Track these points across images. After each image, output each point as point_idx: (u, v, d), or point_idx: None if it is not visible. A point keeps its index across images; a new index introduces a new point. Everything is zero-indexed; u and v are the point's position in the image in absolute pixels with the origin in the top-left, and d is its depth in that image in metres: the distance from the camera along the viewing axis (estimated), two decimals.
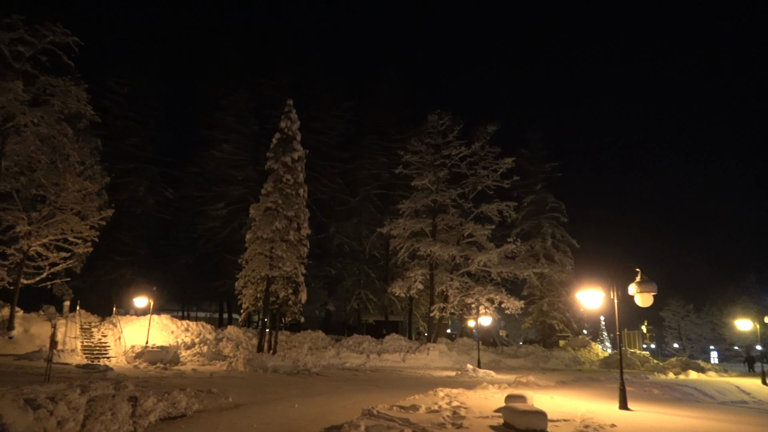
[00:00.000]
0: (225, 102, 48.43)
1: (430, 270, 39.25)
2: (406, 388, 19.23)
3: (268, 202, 31.01)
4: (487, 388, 17.16)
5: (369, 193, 49.51)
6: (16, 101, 25.05)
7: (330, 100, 51.41)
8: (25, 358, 23.87)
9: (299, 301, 31.84)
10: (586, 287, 14.98)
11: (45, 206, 28.74)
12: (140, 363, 25.97)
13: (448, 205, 40.56)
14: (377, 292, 47.50)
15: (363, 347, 34.46)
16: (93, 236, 30.14)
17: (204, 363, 27.98)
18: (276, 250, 30.19)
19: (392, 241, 41.71)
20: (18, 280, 28.23)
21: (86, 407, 10.45)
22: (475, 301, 37.51)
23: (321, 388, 18.90)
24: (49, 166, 28.24)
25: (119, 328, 30.67)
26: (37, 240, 28.26)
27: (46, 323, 29.07)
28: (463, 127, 40.69)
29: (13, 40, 26.21)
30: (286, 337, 35.36)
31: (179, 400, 12.47)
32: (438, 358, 34.77)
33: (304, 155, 33.15)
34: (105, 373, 19.91)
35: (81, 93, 28.24)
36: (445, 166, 40.78)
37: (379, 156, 50.25)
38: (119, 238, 42.88)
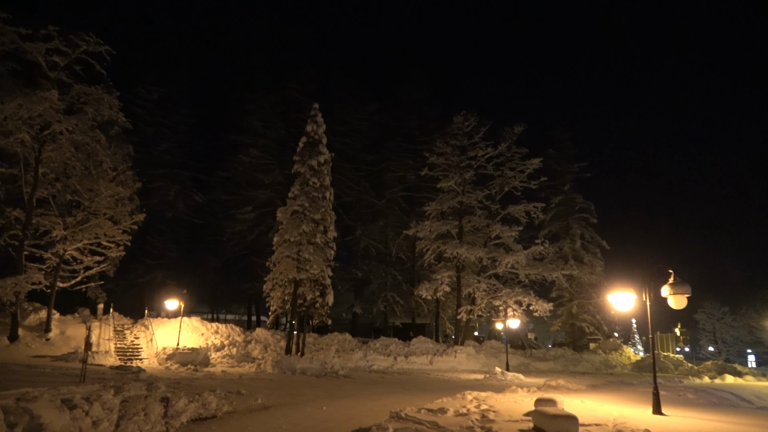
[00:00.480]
0: (252, 107, 49.10)
1: (457, 272, 39.02)
2: (434, 390, 19.15)
3: (294, 206, 31.28)
4: (516, 392, 16.96)
5: (395, 196, 49.54)
6: (51, 110, 25.84)
7: (355, 104, 51.66)
8: (61, 359, 24.55)
9: (326, 303, 32.01)
10: (618, 289, 14.68)
11: (79, 211, 29.56)
12: (171, 364, 26.44)
13: (475, 206, 40.28)
14: (404, 294, 47.45)
15: (390, 350, 34.45)
16: (125, 240, 30.85)
17: (233, 365, 28.32)
18: (303, 252, 30.43)
19: (418, 244, 41.63)
20: (54, 284, 29.06)
21: (120, 408, 10.68)
22: (503, 303, 37.13)
23: (348, 390, 18.94)
24: (84, 172, 29.05)
25: (151, 330, 31.27)
26: (72, 244, 29.05)
27: (81, 325, 29.84)
28: (489, 128, 40.44)
29: (49, 51, 27.03)
30: (313, 339, 35.58)
31: (210, 402, 12.66)
32: (465, 361, 34.54)
33: (330, 158, 33.36)
34: (138, 374, 20.32)
35: (113, 101, 28.99)
36: (471, 167, 40.51)
37: (405, 158, 50.25)
38: (150, 241, 43.82)
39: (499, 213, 40.03)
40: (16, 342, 26.50)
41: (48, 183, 28.88)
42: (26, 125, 25.94)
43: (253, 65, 52.23)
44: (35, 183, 27.71)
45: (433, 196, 42.32)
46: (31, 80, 28.93)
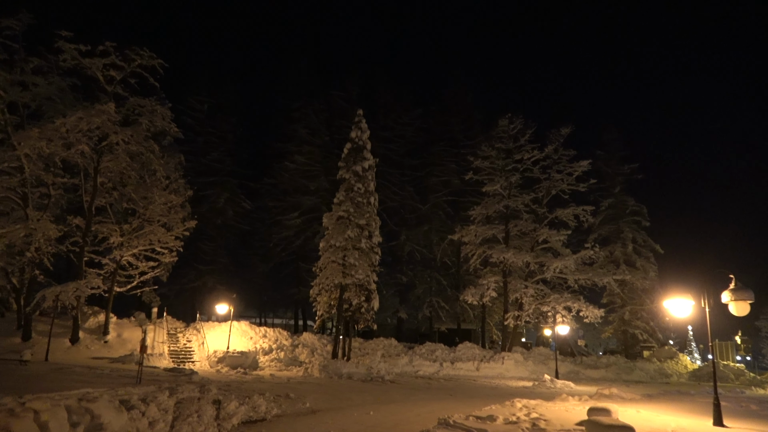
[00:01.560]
0: (297, 115, 49.92)
1: (504, 277, 38.40)
2: (481, 397, 18.89)
3: (340, 211, 31.59)
4: (567, 400, 16.52)
5: (439, 200, 49.30)
6: (109, 122, 27.06)
7: (399, 109, 51.77)
8: (118, 361, 25.54)
9: (372, 308, 32.15)
10: (674, 295, 14.09)
11: (135, 219, 30.80)
12: (222, 367, 27.08)
13: (521, 210, 39.59)
14: (449, 299, 47.08)
15: (436, 355, 34.21)
16: (178, 246, 31.90)
17: (281, 368, 28.75)
18: (348, 258, 30.66)
19: (463, 248, 41.19)
20: (112, 288, 30.32)
21: (174, 409, 10.99)
22: (552, 309, 36.28)
23: (395, 395, 18.92)
24: (139, 181, 30.29)
25: (202, 334, 32.14)
26: (128, 250, 30.25)
27: (137, 328, 30.98)
28: (535, 130, 39.72)
29: (106, 66, 28.34)
30: (359, 344, 35.73)
31: (259, 405, 12.89)
32: (513, 368, 33.93)
33: (375, 164, 33.58)
34: (190, 376, 20.91)
35: (166, 112, 30.10)
36: (517, 170, 39.87)
37: (449, 162, 49.96)
38: (201, 247, 45.08)
39: (546, 217, 39.19)
40: (77, 344, 27.77)
41: (106, 192, 30.25)
42: (86, 137, 27.28)
43: (298, 74, 53.20)
44: (94, 192, 29.04)
45: (478, 200, 41.87)
46: (90, 94, 30.47)
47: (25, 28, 27.67)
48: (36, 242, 26.61)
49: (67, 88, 29.96)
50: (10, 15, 27.11)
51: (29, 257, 27.18)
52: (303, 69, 54.05)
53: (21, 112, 28.83)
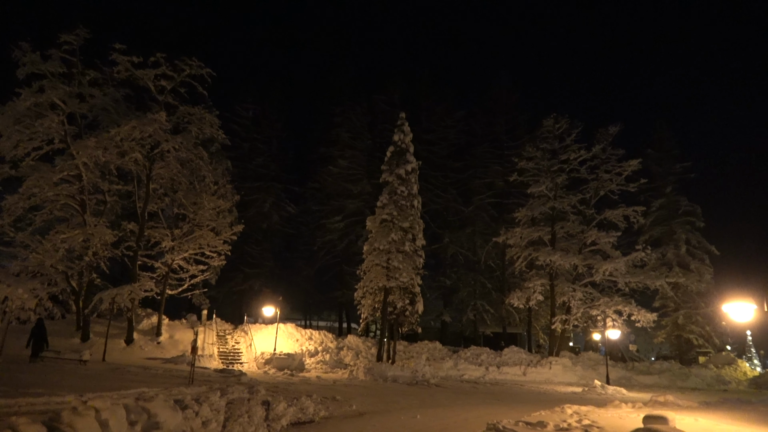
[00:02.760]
0: (340, 119, 50.42)
1: (550, 280, 37.62)
2: (529, 403, 18.55)
3: (383, 214, 31.70)
4: (620, 407, 16.00)
5: (483, 202, 48.79)
6: (160, 130, 28.06)
7: (441, 111, 51.57)
8: (171, 362, 26.36)
9: (416, 311, 32.10)
10: (733, 298, 13.46)
11: (185, 223, 31.78)
12: (269, 369, 27.57)
13: (568, 212, 38.72)
14: (494, 302, 46.47)
15: (481, 359, 33.83)
16: (226, 250, 32.71)
17: (326, 371, 29.04)
18: (392, 261, 30.71)
19: (508, 251, 40.63)
20: (164, 291, 31.36)
21: (226, 409, 11.25)
22: (601, 313, 35.29)
23: (441, 399, 18.79)
24: (188, 187, 31.25)
25: (250, 336, 32.81)
26: (179, 254, 31.22)
27: (188, 330, 31.90)
28: (581, 130, 38.82)
29: (157, 76, 29.39)
30: (403, 347, 35.70)
31: (307, 406, 13.03)
32: (561, 373, 33.18)
33: (418, 167, 33.56)
34: (239, 377, 21.37)
35: (214, 119, 30.96)
36: (564, 171, 39.02)
37: (493, 164, 49.42)
38: (248, 251, 46.07)
39: (594, 218, 38.19)
40: (132, 345, 28.83)
41: (157, 198, 31.35)
42: (139, 145, 28.36)
43: (341, 79, 53.75)
44: (147, 198, 30.12)
45: (523, 202, 41.22)
46: (142, 104, 31.67)
47: (82, 43, 28.95)
48: (93, 247, 27.78)
49: (121, 98, 31.18)
50: (69, 31, 28.43)
51: (87, 261, 28.39)
52: (345, 73, 54.63)
53: (79, 123, 30.19)
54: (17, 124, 27.09)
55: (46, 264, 27.88)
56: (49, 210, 29.38)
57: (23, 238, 28.75)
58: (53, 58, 27.99)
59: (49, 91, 27.28)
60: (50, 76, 27.92)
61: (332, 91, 53.41)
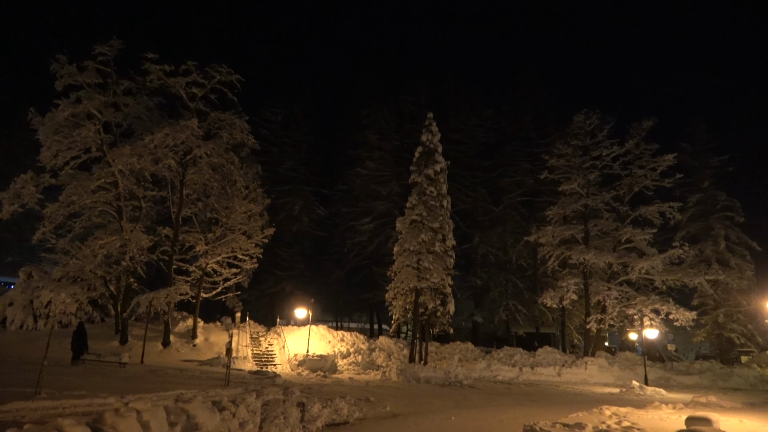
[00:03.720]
0: (367, 121, 50.55)
1: (584, 279, 36.89)
2: (566, 404, 18.25)
3: (413, 215, 31.64)
4: (661, 408, 15.61)
5: (513, 201, 48.25)
6: (192, 136, 28.59)
7: (469, 110, 51.19)
8: (206, 364, 26.79)
9: (447, 312, 31.94)
10: None
11: (218, 227, 32.31)
12: (302, 370, 27.78)
13: (601, 209, 37.93)
14: (526, 302, 45.86)
15: (515, 360, 33.42)
16: (258, 253, 33.13)
17: (359, 372, 29.10)
18: (423, 261, 30.62)
19: (540, 250, 40.02)
20: (198, 294, 31.91)
21: (262, 411, 11.37)
22: (638, 312, 34.46)
23: (475, 400, 18.64)
24: (220, 192, 31.76)
25: (283, 338, 33.13)
26: (213, 258, 31.75)
27: (222, 332, 32.41)
28: (613, 125, 37.99)
29: (188, 84, 29.98)
30: (435, 348, 35.54)
31: (341, 408, 13.08)
32: (597, 374, 32.53)
33: (446, 167, 33.41)
34: (274, 379, 21.60)
35: (244, 124, 31.41)
36: (596, 167, 38.23)
37: (523, 162, 48.84)
38: (279, 254, 46.56)
39: (629, 215, 37.31)
40: (168, 347, 29.43)
41: (191, 203, 31.95)
42: (172, 152, 28.96)
43: (367, 81, 53.91)
44: (180, 203, 30.73)
45: (554, 200, 40.57)
46: (174, 111, 32.36)
47: (115, 53, 29.72)
48: (130, 252, 28.47)
49: (153, 106, 31.91)
50: (103, 42, 29.23)
51: (124, 266, 29.11)
52: (371, 75, 54.76)
53: (114, 131, 31.01)
54: (56, 134, 28.00)
55: (86, 269, 28.72)
56: (88, 217, 30.28)
57: (64, 245, 29.69)
58: (89, 69, 28.82)
59: (85, 102, 28.09)
60: (86, 87, 28.75)
61: (359, 93, 53.67)
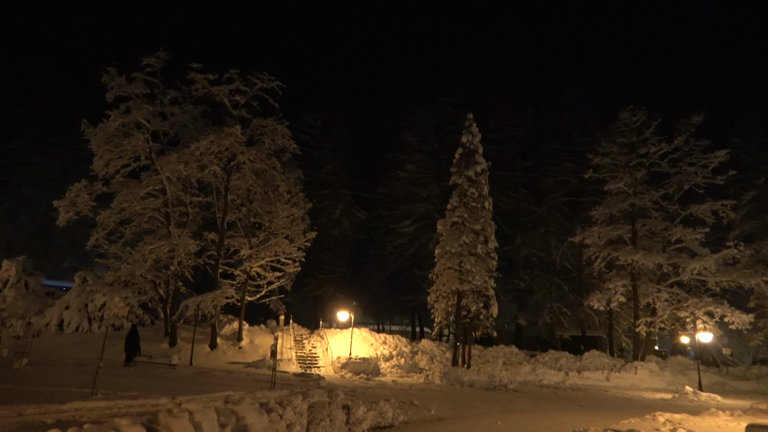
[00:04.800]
0: (406, 124, 50.56)
1: (632, 281, 35.77)
2: (616, 409, 17.75)
3: (454, 217, 31.44)
4: (717, 415, 14.97)
5: (556, 202, 47.31)
6: (236, 143, 29.24)
7: (508, 110, 50.53)
8: (252, 366, 27.30)
9: (491, 315, 31.59)
10: None
11: (261, 232, 32.93)
12: (345, 373, 27.94)
13: (650, 208, 36.70)
14: (571, 305, 44.82)
15: (560, 364, 32.71)
16: (300, 257, 33.55)
17: (402, 375, 29.06)
18: (465, 264, 30.36)
19: (585, 251, 39.01)
20: (243, 298, 32.57)
21: (308, 413, 11.50)
22: (690, 314, 33.19)
23: (520, 405, 18.33)
24: (263, 197, 32.34)
25: (326, 340, 33.41)
26: (257, 262, 32.34)
27: (267, 335, 32.94)
28: (661, 121, 36.77)
29: (231, 92, 30.66)
30: (478, 351, 35.15)
31: (386, 411, 13.08)
32: (648, 378, 31.51)
33: (487, 168, 33.08)
34: (318, 381, 21.80)
35: (285, 130, 31.90)
36: (643, 165, 37.04)
37: (565, 161, 47.84)
38: (321, 257, 47.00)
39: (679, 214, 36.02)
40: (215, 349, 30.13)
41: (235, 208, 32.66)
42: (217, 158, 29.70)
43: (405, 84, 53.93)
44: (225, 208, 31.45)
45: (599, 199, 39.56)
46: (218, 119, 33.13)
47: (162, 65, 30.70)
48: (178, 256, 29.30)
49: (198, 114, 32.76)
50: (151, 54, 30.24)
51: (173, 270, 29.97)
52: (409, 77, 54.77)
53: (162, 140, 32.03)
54: (108, 143, 29.16)
55: (136, 273, 29.76)
56: (138, 223, 31.37)
57: (116, 250, 30.85)
58: (137, 80, 29.87)
59: (134, 112, 29.13)
60: (135, 98, 29.80)
61: (397, 96, 53.70)
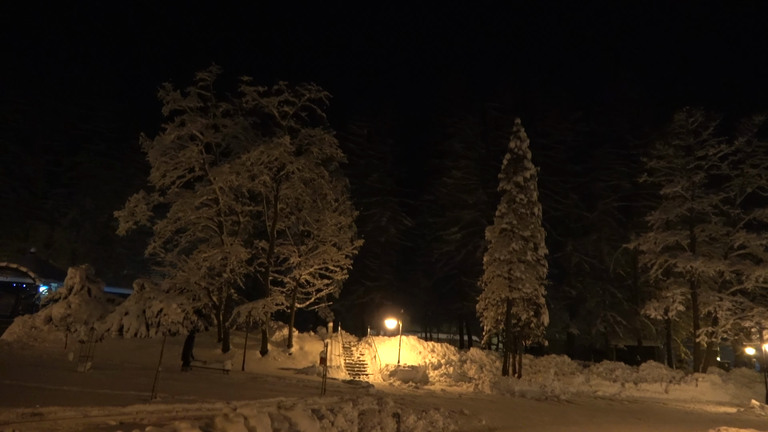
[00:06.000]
0: (452, 130, 50.37)
1: (692, 288, 34.26)
2: (676, 423, 17.04)
3: (502, 224, 31.03)
4: None
5: (608, 207, 45.95)
6: (285, 153, 29.90)
7: (557, 113, 49.59)
8: (302, 372, 27.65)
9: (541, 323, 30.93)
10: None
11: (310, 240, 33.46)
12: (394, 381, 27.91)
13: (709, 213, 35.10)
14: (625, 313, 43.32)
15: (616, 375, 31.62)
16: (348, 264, 33.87)
17: (451, 384, 28.78)
18: (514, 271, 29.89)
19: (641, 258, 37.63)
20: (293, 305, 33.10)
21: (358, 420, 11.54)
22: (756, 324, 31.52)
23: (575, 416, 17.83)
24: (312, 205, 32.90)
25: (374, 348, 33.51)
26: (306, 269, 32.83)
27: (316, 342, 33.34)
28: (720, 122, 35.21)
29: (280, 103, 31.35)
30: (529, 360, 34.44)
31: (436, 420, 12.98)
32: (710, 391, 30.06)
33: (536, 173, 32.56)
34: (367, 389, 21.86)
35: (332, 139, 32.36)
36: (701, 168, 35.51)
37: (617, 165, 46.49)
38: (368, 265, 47.26)
39: (741, 218, 34.35)
40: (266, 355, 30.70)
41: (284, 216, 33.33)
42: (267, 168, 30.45)
43: (450, 90, 53.77)
44: (275, 217, 32.13)
45: (655, 204, 38.16)
46: (268, 130, 33.95)
47: (214, 78, 31.73)
48: (230, 264, 30.10)
49: (249, 126, 33.65)
50: (203, 68, 31.32)
51: (225, 278, 30.81)
52: (454, 84, 54.56)
53: (214, 151, 33.05)
54: (164, 155, 30.34)
55: (191, 281, 30.76)
56: (192, 232, 32.46)
57: (171, 258, 31.97)
58: (191, 94, 30.96)
59: (189, 125, 30.20)
60: (189, 111, 30.89)
61: (442, 102, 53.67)
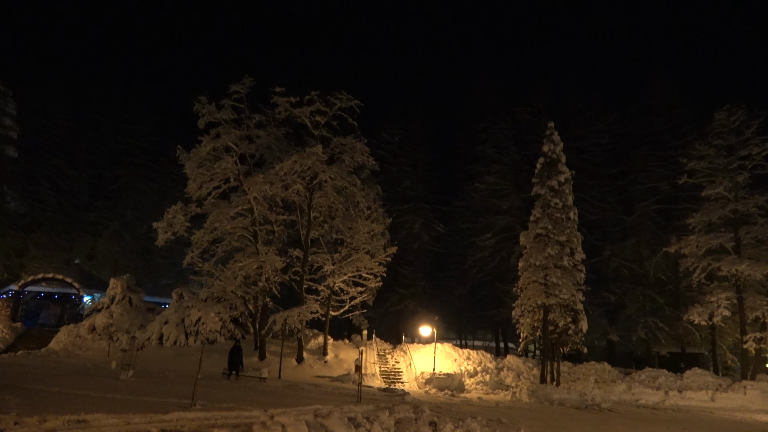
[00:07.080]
0: (484, 135, 50.03)
1: (737, 293, 33.00)
2: None
3: (537, 229, 30.61)
4: None
5: (647, 210, 44.74)
6: (318, 162, 30.23)
7: (592, 116, 48.73)
8: (337, 380, 27.74)
9: (580, 330, 30.31)
10: None
11: (343, 248, 33.68)
12: (429, 389, 27.72)
13: (754, 214, 33.76)
14: (667, 319, 41.98)
15: (659, 382, 30.66)
16: (381, 272, 33.94)
17: (487, 392, 28.41)
18: (550, 277, 29.41)
19: (682, 262, 36.45)
20: (327, 312, 33.31)
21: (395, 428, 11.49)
22: None
23: (617, 426, 17.37)
24: (345, 213, 33.15)
25: (409, 355, 33.37)
26: (339, 277, 33.03)
27: (351, 350, 33.42)
28: (763, 120, 33.94)
29: (312, 113, 31.73)
30: (567, 368, 33.73)
31: (473, 428, 12.81)
32: (759, 399, 28.80)
33: (571, 177, 32.04)
34: (403, 397, 21.77)
35: (364, 147, 32.57)
36: (744, 168, 34.21)
37: (656, 167, 45.28)
38: (401, 272, 47.20)
39: None
40: (302, 363, 30.92)
41: (318, 225, 33.66)
42: (300, 177, 30.83)
43: (482, 95, 53.48)
44: (309, 226, 32.45)
45: (695, 206, 36.94)
46: (300, 139, 34.41)
47: (247, 91, 32.35)
48: (266, 273, 30.49)
49: (282, 136, 34.19)
50: (237, 81, 31.97)
51: (261, 286, 31.23)
52: (485, 89, 54.22)
53: (248, 162, 33.66)
54: (200, 167, 31.08)
55: (228, 290, 31.30)
56: (228, 241, 33.08)
57: (209, 268, 32.62)
58: (225, 107, 31.67)
59: (224, 136, 30.90)
60: (224, 123, 31.60)
61: (474, 107, 53.38)
